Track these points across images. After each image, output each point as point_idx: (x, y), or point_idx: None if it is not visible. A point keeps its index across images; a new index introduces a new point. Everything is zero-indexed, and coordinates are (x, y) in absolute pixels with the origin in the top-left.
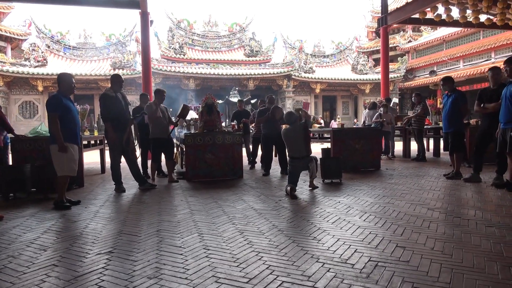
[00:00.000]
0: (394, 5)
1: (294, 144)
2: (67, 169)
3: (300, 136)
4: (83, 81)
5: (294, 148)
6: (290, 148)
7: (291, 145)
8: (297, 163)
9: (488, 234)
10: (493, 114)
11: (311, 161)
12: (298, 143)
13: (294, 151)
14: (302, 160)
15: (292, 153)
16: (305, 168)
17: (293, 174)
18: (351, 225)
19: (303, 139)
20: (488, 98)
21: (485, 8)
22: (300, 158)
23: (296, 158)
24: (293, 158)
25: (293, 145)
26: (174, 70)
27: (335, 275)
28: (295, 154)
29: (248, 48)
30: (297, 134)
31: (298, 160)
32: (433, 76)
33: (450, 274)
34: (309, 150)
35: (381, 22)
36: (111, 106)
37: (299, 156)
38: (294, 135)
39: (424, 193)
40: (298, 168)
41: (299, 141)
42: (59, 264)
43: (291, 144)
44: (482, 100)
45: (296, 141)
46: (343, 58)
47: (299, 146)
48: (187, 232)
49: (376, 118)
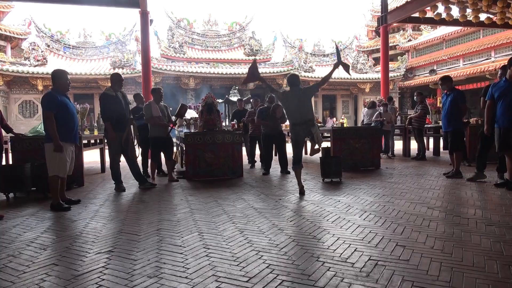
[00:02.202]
0: (394, 4)
1: (297, 108)
2: (58, 170)
3: (303, 99)
4: (83, 80)
5: (295, 113)
6: (291, 114)
7: (293, 110)
8: (299, 129)
9: (488, 232)
10: None
11: (313, 126)
12: (301, 107)
13: (295, 116)
14: (304, 125)
15: (294, 119)
16: (308, 133)
17: (297, 145)
18: (351, 224)
19: (306, 102)
20: None
21: (485, 7)
22: (302, 123)
23: (298, 124)
24: (295, 124)
25: (295, 109)
26: (174, 69)
27: (335, 274)
28: (297, 119)
29: (248, 47)
30: (300, 98)
31: (300, 126)
32: (433, 75)
33: (450, 273)
34: (311, 114)
35: (381, 21)
36: (111, 106)
37: (300, 121)
38: (296, 99)
39: (424, 192)
40: (301, 136)
41: (302, 105)
42: (59, 263)
43: (293, 109)
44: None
45: (298, 105)
46: (343, 58)
47: (302, 110)
48: (187, 231)
49: (376, 117)
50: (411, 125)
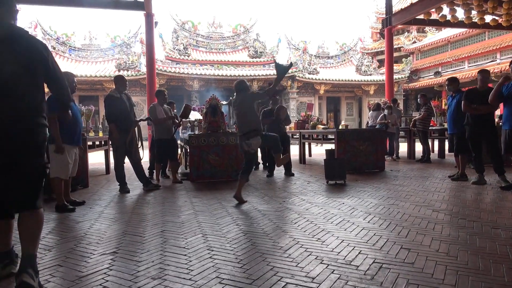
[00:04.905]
0: (399, 6)
1: (238, 118)
2: (60, 172)
3: (243, 108)
4: (88, 82)
5: (238, 122)
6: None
7: (236, 120)
8: (240, 142)
9: (494, 236)
10: (480, 115)
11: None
12: (241, 116)
13: (238, 126)
14: (243, 137)
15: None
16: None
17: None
18: (355, 226)
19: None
20: (479, 100)
21: (490, 9)
22: (241, 134)
23: (239, 135)
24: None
25: (237, 119)
26: (179, 71)
27: (339, 277)
28: (239, 130)
29: (252, 49)
30: (241, 106)
31: (240, 138)
32: (438, 77)
33: (455, 276)
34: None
35: (386, 23)
36: (115, 107)
37: (240, 132)
38: (238, 107)
39: (429, 195)
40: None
41: (242, 115)
42: (64, 264)
43: (236, 118)
44: (471, 101)
45: (238, 115)
46: (347, 59)
47: (242, 120)
48: (191, 233)
49: (381, 119)
50: (415, 127)
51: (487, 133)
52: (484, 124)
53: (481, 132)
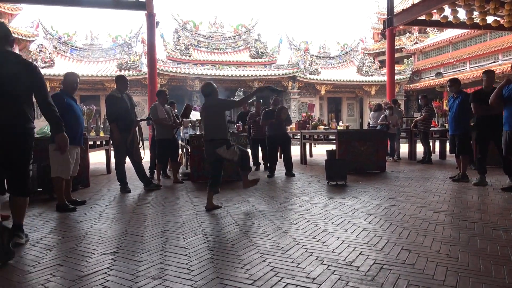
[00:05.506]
0: (400, 7)
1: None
2: (60, 171)
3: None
4: (90, 82)
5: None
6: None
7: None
8: (206, 148)
9: (495, 237)
10: (490, 116)
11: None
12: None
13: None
14: (209, 143)
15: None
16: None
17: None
18: (356, 227)
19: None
20: (486, 100)
21: (492, 9)
22: (207, 141)
23: (204, 141)
24: (204, 140)
25: (204, 124)
26: (180, 71)
27: (340, 278)
28: (204, 136)
29: (254, 49)
30: (209, 111)
31: (206, 144)
32: (439, 78)
33: (456, 277)
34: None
35: (387, 23)
36: (117, 107)
37: (205, 138)
38: (206, 112)
39: (430, 196)
40: (209, 156)
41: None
42: (64, 264)
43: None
44: (479, 101)
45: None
46: (349, 60)
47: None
48: (191, 233)
49: (382, 120)
50: (416, 128)
51: (498, 135)
52: (495, 125)
53: (491, 134)
